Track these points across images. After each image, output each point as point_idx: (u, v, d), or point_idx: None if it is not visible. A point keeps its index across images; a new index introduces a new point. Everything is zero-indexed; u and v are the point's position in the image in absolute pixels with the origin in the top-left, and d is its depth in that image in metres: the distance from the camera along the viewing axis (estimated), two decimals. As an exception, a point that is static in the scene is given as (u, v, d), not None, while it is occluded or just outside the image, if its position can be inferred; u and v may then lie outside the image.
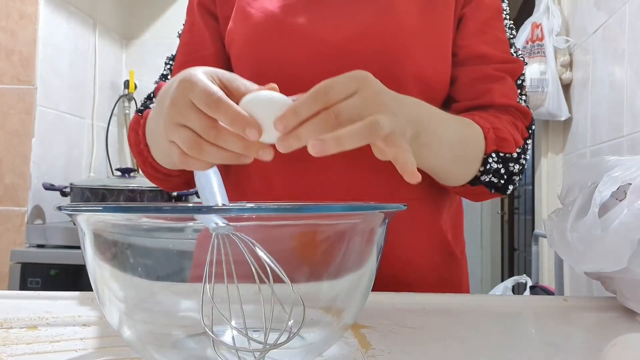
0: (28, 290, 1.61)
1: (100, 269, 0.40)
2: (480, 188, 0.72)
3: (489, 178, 0.70)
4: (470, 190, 0.73)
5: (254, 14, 0.75)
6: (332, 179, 0.72)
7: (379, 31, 0.72)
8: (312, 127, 0.45)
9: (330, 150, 0.45)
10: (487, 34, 0.76)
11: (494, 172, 0.70)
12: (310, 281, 0.40)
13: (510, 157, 0.70)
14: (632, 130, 1.47)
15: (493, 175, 0.70)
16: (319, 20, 0.73)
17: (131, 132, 0.75)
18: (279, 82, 0.72)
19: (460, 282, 0.81)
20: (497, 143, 0.69)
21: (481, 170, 0.70)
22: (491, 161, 0.69)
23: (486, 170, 0.70)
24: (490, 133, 0.69)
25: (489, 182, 0.71)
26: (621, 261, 0.55)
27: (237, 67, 0.78)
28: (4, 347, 0.46)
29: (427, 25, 0.73)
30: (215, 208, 0.40)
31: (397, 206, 0.42)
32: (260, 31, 0.74)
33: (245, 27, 0.75)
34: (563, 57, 2.06)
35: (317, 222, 0.40)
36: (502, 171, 0.70)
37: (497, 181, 0.71)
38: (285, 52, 0.73)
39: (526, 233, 3.07)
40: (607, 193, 0.58)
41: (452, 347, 0.49)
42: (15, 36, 1.78)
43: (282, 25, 0.73)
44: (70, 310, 0.59)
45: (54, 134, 1.88)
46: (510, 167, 0.71)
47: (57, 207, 0.40)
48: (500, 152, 0.70)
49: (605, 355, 0.37)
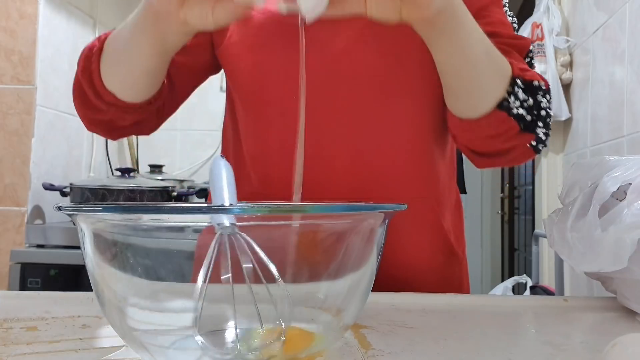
0: (28, 290, 1.61)
1: (100, 269, 0.40)
2: (508, 120, 0.63)
3: (517, 108, 0.63)
4: (496, 123, 0.64)
5: (254, 15, 0.74)
6: (333, 178, 0.72)
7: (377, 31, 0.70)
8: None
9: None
10: (487, 17, 0.72)
11: (521, 102, 0.63)
12: (310, 281, 0.40)
13: (537, 85, 0.64)
14: (632, 130, 1.47)
15: (521, 105, 0.63)
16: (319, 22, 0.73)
17: (81, 57, 0.70)
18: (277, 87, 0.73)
19: (461, 282, 0.82)
20: (520, 72, 0.64)
21: (509, 91, 0.63)
22: (518, 85, 0.63)
23: (514, 93, 0.63)
24: (512, 61, 0.65)
25: (517, 115, 0.63)
26: (621, 261, 0.55)
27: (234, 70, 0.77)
28: (4, 347, 0.46)
29: None
30: (214, 208, 0.40)
31: (397, 206, 0.42)
32: (259, 34, 0.73)
33: (244, 29, 0.75)
34: (563, 57, 2.06)
35: (317, 222, 0.40)
36: (530, 102, 0.64)
37: (525, 114, 0.63)
38: (285, 57, 0.72)
39: (526, 233, 3.07)
40: (607, 193, 0.58)
41: (452, 347, 0.49)
42: (15, 36, 1.78)
43: (283, 27, 0.72)
44: (70, 310, 0.59)
45: (54, 134, 1.88)
46: (538, 98, 0.64)
47: (57, 207, 0.40)
48: (526, 80, 0.64)
49: (606, 355, 0.37)
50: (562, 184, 0.74)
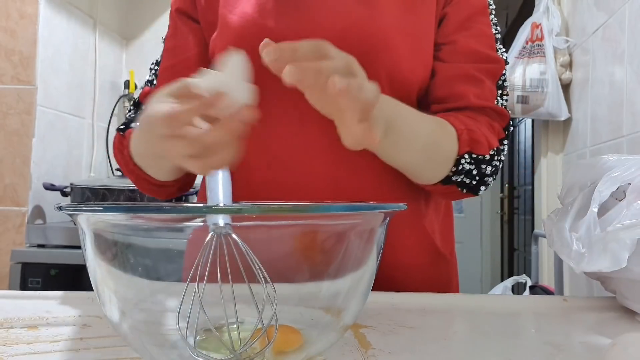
0: (28, 290, 1.61)
1: (100, 269, 0.40)
2: (451, 187, 0.72)
3: (460, 178, 0.70)
4: (441, 189, 0.73)
5: (233, 20, 0.74)
6: (315, 182, 0.72)
7: (359, 34, 0.71)
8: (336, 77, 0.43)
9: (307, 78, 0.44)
10: (471, 29, 0.75)
11: (466, 173, 0.70)
12: (311, 281, 0.40)
13: (483, 158, 0.71)
14: (632, 130, 1.47)
15: (465, 176, 0.70)
16: (298, 24, 0.73)
17: (116, 152, 0.77)
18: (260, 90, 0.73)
19: (450, 281, 0.82)
20: (470, 144, 0.69)
21: (453, 171, 0.70)
22: (463, 162, 0.70)
23: (458, 171, 0.70)
24: (464, 135, 0.69)
25: (461, 182, 0.71)
26: (621, 261, 0.55)
27: None
28: (4, 347, 0.46)
29: (407, 25, 0.73)
30: (214, 208, 0.40)
31: (397, 206, 0.42)
32: (239, 38, 0.74)
33: (225, 34, 0.75)
34: (563, 57, 2.06)
35: (317, 222, 0.40)
36: (475, 172, 0.70)
37: (469, 182, 0.71)
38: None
39: (526, 233, 3.07)
40: (606, 193, 0.58)
41: (452, 347, 0.49)
42: (15, 36, 1.78)
43: (260, 29, 0.73)
44: (70, 310, 0.59)
45: (54, 134, 1.88)
46: (482, 169, 0.71)
47: (57, 207, 0.40)
48: (473, 154, 0.70)
49: (606, 354, 0.37)
50: (562, 184, 0.75)
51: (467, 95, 0.73)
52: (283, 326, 0.40)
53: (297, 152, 0.73)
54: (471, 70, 0.74)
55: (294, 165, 0.73)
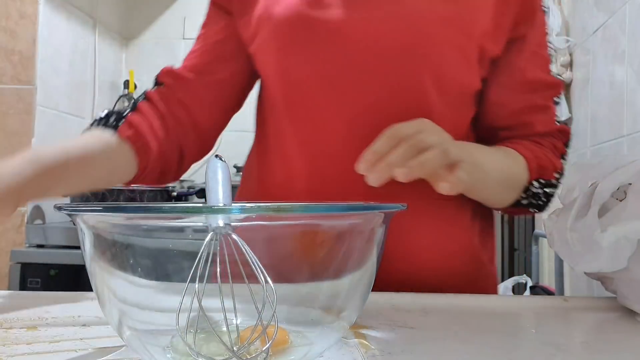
0: (28, 290, 1.61)
1: (100, 269, 0.40)
2: (521, 209, 0.77)
3: (529, 201, 0.76)
4: (511, 210, 0.79)
5: (277, 10, 0.73)
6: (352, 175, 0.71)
7: (403, 23, 0.71)
8: (400, 153, 0.56)
9: (415, 174, 0.56)
10: (539, 57, 0.78)
11: (534, 196, 0.75)
12: (311, 281, 0.40)
13: (550, 182, 0.76)
14: (632, 130, 1.47)
15: (533, 198, 0.75)
16: (347, 18, 0.71)
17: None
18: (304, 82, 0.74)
19: (487, 290, 0.80)
20: (539, 172, 0.74)
21: (523, 196, 0.75)
22: (533, 188, 0.75)
23: (527, 196, 0.75)
24: (532, 163, 0.74)
25: (529, 204, 0.76)
26: (621, 261, 0.55)
27: (263, 68, 0.78)
28: (4, 347, 0.46)
29: (451, 20, 0.72)
30: (214, 208, 0.40)
31: (397, 206, 0.42)
32: (283, 30, 0.73)
33: (268, 24, 0.74)
34: (563, 57, 2.05)
35: (318, 222, 0.40)
36: (542, 195, 0.76)
37: (536, 202, 0.76)
38: (312, 53, 0.72)
39: (526, 233, 3.07)
40: (606, 193, 0.58)
41: (452, 347, 0.49)
42: (15, 36, 1.78)
43: (305, 21, 0.72)
44: (70, 310, 0.59)
45: (54, 134, 1.88)
46: (549, 192, 0.76)
47: (57, 207, 0.40)
48: (542, 180, 0.75)
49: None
50: (562, 184, 0.75)
51: (534, 124, 0.78)
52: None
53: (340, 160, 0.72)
54: (538, 100, 0.78)
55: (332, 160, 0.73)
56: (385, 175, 0.56)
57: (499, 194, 0.75)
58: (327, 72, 0.72)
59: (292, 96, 0.75)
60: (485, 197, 0.75)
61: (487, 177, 0.70)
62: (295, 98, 0.75)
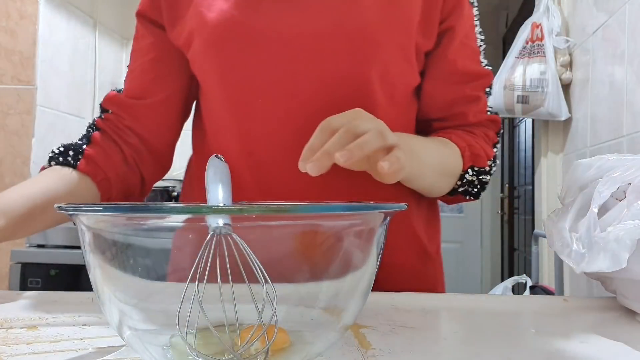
0: (28, 290, 1.61)
1: (100, 269, 0.40)
2: (457, 197, 0.80)
3: (464, 188, 0.79)
4: (447, 199, 0.82)
5: (211, 17, 0.73)
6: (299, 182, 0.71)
7: (344, 30, 0.71)
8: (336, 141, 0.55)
9: (355, 155, 0.54)
10: (467, 48, 0.80)
11: (469, 183, 0.78)
12: (310, 281, 0.40)
13: (483, 170, 0.78)
14: (632, 130, 1.47)
15: (469, 186, 0.79)
16: (280, 20, 0.72)
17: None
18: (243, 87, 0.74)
19: (435, 281, 0.83)
20: (472, 160, 0.77)
21: (458, 184, 0.78)
22: (467, 176, 0.78)
23: (462, 183, 0.78)
24: (466, 152, 0.77)
25: (464, 191, 0.79)
26: (621, 261, 0.55)
27: (201, 74, 0.78)
28: (4, 347, 0.46)
29: (390, 24, 0.73)
30: (214, 208, 0.40)
31: (398, 206, 0.42)
32: (217, 35, 0.73)
33: (203, 31, 0.74)
34: (563, 57, 2.06)
35: (317, 222, 0.40)
36: (476, 182, 0.79)
37: (471, 190, 0.79)
38: (247, 56, 0.73)
39: (526, 233, 3.07)
40: (606, 193, 0.58)
41: (452, 347, 0.49)
42: (15, 36, 1.78)
43: (241, 27, 0.72)
44: (70, 310, 0.59)
45: (54, 134, 1.88)
46: (482, 179, 0.79)
47: (57, 207, 0.40)
48: (475, 167, 0.78)
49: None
50: (562, 184, 0.75)
51: (467, 115, 0.81)
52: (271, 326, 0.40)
53: (279, 152, 0.73)
54: (469, 91, 0.80)
55: (277, 166, 0.73)
56: (324, 164, 0.55)
57: (437, 182, 0.77)
58: (268, 77, 0.73)
59: (233, 96, 0.75)
60: (423, 186, 0.77)
61: (424, 165, 0.71)
62: (236, 97, 0.75)
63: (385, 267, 0.74)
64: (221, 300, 0.35)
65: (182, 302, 0.35)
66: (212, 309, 0.36)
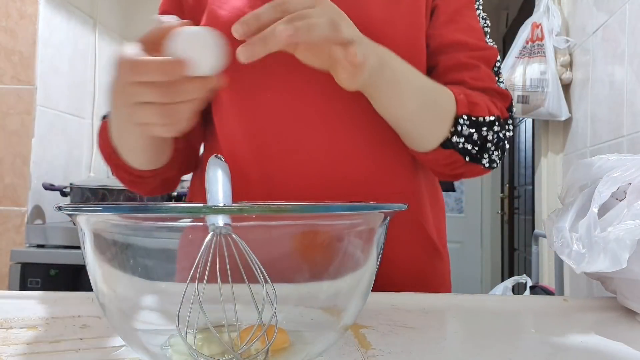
0: (28, 290, 1.61)
1: (100, 269, 0.40)
2: (453, 154, 0.69)
3: (461, 142, 0.68)
4: (443, 157, 0.69)
5: (224, 14, 0.74)
6: (316, 175, 0.71)
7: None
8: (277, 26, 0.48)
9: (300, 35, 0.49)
10: (459, 23, 0.76)
11: (466, 138, 0.68)
12: (310, 281, 0.40)
13: (483, 121, 0.68)
14: (632, 130, 1.47)
15: (466, 141, 0.68)
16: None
17: (99, 138, 0.75)
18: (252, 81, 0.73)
19: (443, 278, 0.81)
20: (468, 107, 0.68)
21: (452, 131, 0.67)
22: (462, 123, 0.67)
23: (457, 132, 0.67)
24: (461, 97, 0.68)
25: (463, 149, 0.68)
26: (621, 261, 0.55)
27: None
28: (4, 347, 0.46)
29: (395, 17, 0.73)
30: (214, 208, 0.40)
31: (398, 206, 0.42)
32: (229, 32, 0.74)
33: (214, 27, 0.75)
34: (563, 57, 2.06)
35: (317, 222, 0.40)
36: (475, 137, 0.68)
37: (470, 147, 0.68)
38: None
39: (526, 233, 3.07)
40: (607, 193, 0.58)
41: (452, 347, 0.49)
42: (15, 36, 1.78)
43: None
44: (70, 310, 0.59)
45: (54, 134, 1.88)
46: (482, 133, 0.68)
47: (57, 207, 0.40)
48: (472, 116, 0.68)
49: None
50: (562, 184, 0.75)
51: (463, 79, 0.72)
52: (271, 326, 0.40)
53: (288, 145, 0.71)
54: (464, 58, 0.73)
55: (286, 159, 0.72)
56: (259, 50, 0.49)
57: (421, 116, 0.66)
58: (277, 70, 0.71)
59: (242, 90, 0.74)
60: (404, 118, 0.67)
61: (399, 84, 0.63)
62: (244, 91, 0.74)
63: (395, 265, 0.74)
64: (221, 301, 0.35)
65: (182, 302, 0.35)
66: (212, 309, 0.36)
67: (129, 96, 0.51)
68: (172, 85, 0.49)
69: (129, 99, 0.52)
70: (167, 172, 0.77)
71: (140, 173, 0.73)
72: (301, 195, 0.69)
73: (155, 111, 0.51)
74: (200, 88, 0.50)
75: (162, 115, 0.51)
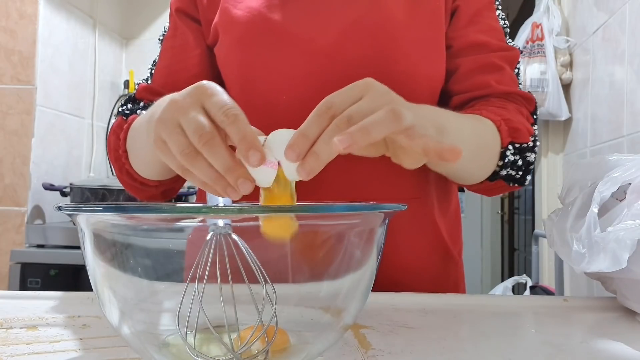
0: (28, 290, 1.61)
1: (100, 269, 0.40)
2: (498, 183, 0.71)
3: (507, 171, 0.69)
4: (488, 187, 0.71)
5: (239, 14, 0.74)
6: (329, 178, 0.71)
7: (367, 27, 0.71)
8: (326, 138, 0.42)
9: (358, 141, 0.41)
10: (480, 24, 0.76)
11: (511, 165, 0.69)
12: (310, 281, 0.40)
13: (527, 146, 0.69)
14: (632, 130, 1.47)
15: (511, 168, 0.69)
16: (305, 18, 0.72)
17: (112, 135, 0.73)
18: (267, 84, 0.73)
19: (457, 283, 0.81)
20: (511, 135, 0.68)
21: (500, 165, 0.69)
22: (509, 154, 0.68)
23: (505, 164, 0.69)
24: (502, 125, 0.68)
25: (507, 176, 0.70)
26: (621, 261, 0.55)
27: (224, 69, 0.78)
28: (4, 347, 0.46)
29: (415, 18, 0.72)
30: (214, 208, 0.40)
31: (397, 206, 0.42)
32: (245, 32, 0.73)
33: (230, 28, 0.74)
34: (563, 57, 2.06)
35: (317, 223, 0.40)
36: (520, 163, 0.69)
37: (514, 173, 0.70)
38: (273, 53, 0.72)
39: (526, 233, 3.07)
40: (607, 193, 0.58)
41: (452, 347, 0.49)
42: (15, 36, 1.78)
43: (269, 25, 0.72)
44: (70, 310, 0.59)
45: (54, 134, 1.88)
46: (527, 157, 0.70)
47: (57, 207, 0.40)
48: (516, 143, 0.68)
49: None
50: (562, 184, 0.75)
51: (488, 83, 0.72)
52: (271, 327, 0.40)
53: None
54: (488, 58, 0.74)
55: None
56: (315, 166, 0.42)
57: (473, 163, 0.66)
58: (292, 73, 0.71)
59: (256, 92, 0.74)
60: (457, 169, 0.67)
61: (459, 139, 0.59)
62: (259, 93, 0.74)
63: (408, 269, 0.73)
64: (221, 301, 0.35)
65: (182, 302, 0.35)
66: (212, 309, 0.36)
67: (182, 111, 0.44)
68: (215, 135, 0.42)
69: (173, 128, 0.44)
70: (171, 184, 0.77)
71: (145, 181, 0.73)
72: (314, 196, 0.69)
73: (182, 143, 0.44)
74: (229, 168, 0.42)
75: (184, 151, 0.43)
